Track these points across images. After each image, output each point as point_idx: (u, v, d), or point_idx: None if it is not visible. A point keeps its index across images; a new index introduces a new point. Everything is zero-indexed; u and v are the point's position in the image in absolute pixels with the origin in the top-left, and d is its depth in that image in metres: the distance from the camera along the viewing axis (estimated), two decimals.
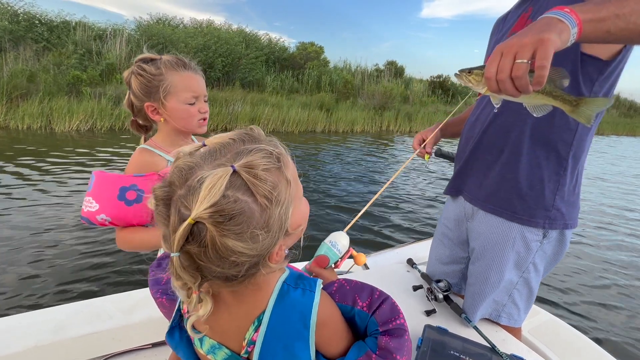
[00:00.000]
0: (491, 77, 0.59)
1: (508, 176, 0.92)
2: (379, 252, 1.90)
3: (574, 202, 0.92)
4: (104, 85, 8.95)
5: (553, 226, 0.90)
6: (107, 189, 0.85)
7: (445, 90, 18.91)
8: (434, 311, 1.09)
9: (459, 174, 1.08)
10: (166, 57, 0.92)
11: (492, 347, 0.91)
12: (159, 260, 0.62)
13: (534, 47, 0.54)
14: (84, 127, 7.31)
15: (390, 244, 3.29)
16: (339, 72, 16.10)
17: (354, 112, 11.79)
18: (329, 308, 0.49)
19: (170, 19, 14.71)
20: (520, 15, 0.90)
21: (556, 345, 1.31)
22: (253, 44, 14.76)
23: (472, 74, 0.71)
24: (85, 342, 0.99)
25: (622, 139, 18.25)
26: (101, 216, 0.85)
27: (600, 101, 0.67)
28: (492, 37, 1.06)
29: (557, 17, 0.57)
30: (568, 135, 0.85)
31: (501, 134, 0.93)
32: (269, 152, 0.41)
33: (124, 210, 0.85)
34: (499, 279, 0.96)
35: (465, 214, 1.08)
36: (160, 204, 0.40)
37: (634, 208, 5.50)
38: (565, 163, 0.87)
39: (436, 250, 1.24)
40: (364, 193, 4.88)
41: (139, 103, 0.93)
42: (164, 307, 0.60)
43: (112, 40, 11.58)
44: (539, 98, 0.68)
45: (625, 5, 0.58)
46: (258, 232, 0.39)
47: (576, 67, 0.78)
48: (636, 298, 2.79)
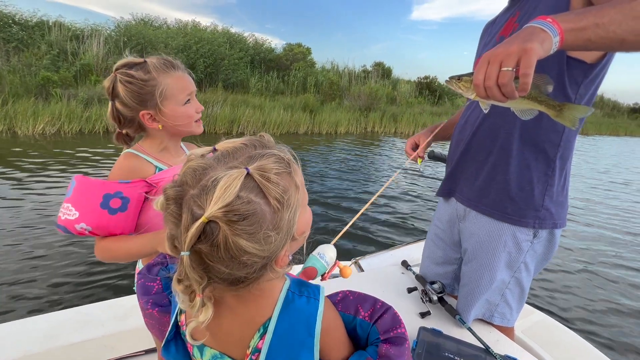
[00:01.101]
0: (479, 84, 0.62)
1: (498, 177, 0.94)
2: (374, 254, 1.89)
3: (563, 202, 0.94)
4: (77, 87, 8.62)
5: (543, 226, 0.92)
6: (89, 196, 0.79)
7: (432, 92, 18.98)
8: (428, 313, 1.09)
9: (451, 176, 1.09)
10: (152, 59, 0.85)
11: (486, 349, 0.92)
12: (149, 267, 0.61)
13: (518, 55, 0.57)
14: (50, 130, 7.01)
15: (384, 245, 3.24)
16: (325, 73, 15.98)
17: (338, 114, 11.65)
18: (332, 315, 0.50)
19: (153, 20, 14.42)
20: (508, 19, 0.92)
21: (549, 345, 1.32)
22: (237, 44, 14.54)
23: (462, 80, 0.74)
24: (76, 350, 0.96)
25: (605, 139, 18.54)
26: (81, 225, 0.78)
27: (582, 108, 0.71)
28: (482, 40, 1.08)
29: (540, 27, 0.59)
30: (555, 136, 0.87)
31: (490, 136, 0.94)
32: (280, 157, 0.43)
33: (107, 219, 0.79)
34: (491, 279, 0.98)
35: (457, 215, 1.09)
36: (172, 203, 0.39)
37: (602, 202, 5.59)
38: (553, 164, 0.89)
39: (429, 251, 1.25)
40: (349, 198, 4.71)
41: (130, 113, 0.85)
42: (152, 318, 0.57)
43: (89, 40, 11.24)
44: (525, 103, 0.71)
45: (604, 15, 0.59)
46: (269, 234, 0.39)
47: (562, 70, 0.80)
48: (627, 296, 2.80)
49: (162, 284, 0.58)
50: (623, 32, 0.59)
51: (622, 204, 5.61)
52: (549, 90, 0.69)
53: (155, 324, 0.58)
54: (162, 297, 0.57)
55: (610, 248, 3.77)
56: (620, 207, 5.38)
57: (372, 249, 3.00)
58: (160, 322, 0.56)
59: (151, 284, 0.58)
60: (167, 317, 0.56)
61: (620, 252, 3.67)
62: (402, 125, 12.86)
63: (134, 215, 0.83)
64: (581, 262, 3.36)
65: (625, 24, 0.59)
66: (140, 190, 0.82)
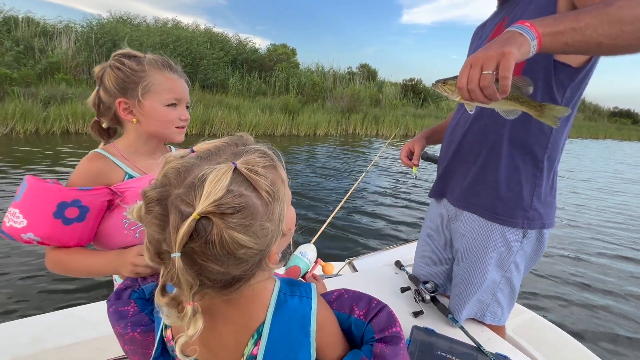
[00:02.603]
0: (462, 87, 0.65)
1: (488, 178, 0.96)
2: (367, 255, 1.89)
3: (551, 202, 0.95)
4: (39, 85, 8.19)
5: (532, 226, 0.93)
6: (40, 203, 0.70)
7: (417, 94, 18.99)
8: (421, 312, 1.10)
9: (442, 177, 1.11)
10: (151, 56, 0.82)
11: (477, 347, 0.94)
12: (118, 293, 0.57)
13: (497, 59, 0.60)
14: (2, 130, 6.59)
15: (377, 246, 3.24)
16: (308, 75, 15.77)
17: (319, 115, 11.44)
18: (325, 312, 0.49)
19: (132, 18, 13.96)
20: (497, 23, 0.94)
21: (539, 343, 1.35)
22: (217, 44, 14.21)
23: (447, 84, 0.76)
24: (67, 352, 0.94)
25: (586, 142, 18.84)
26: (28, 235, 0.70)
27: (561, 108, 0.74)
28: (472, 44, 1.10)
29: (519, 31, 0.62)
30: (543, 138, 0.89)
31: (480, 138, 0.96)
32: (264, 151, 0.43)
33: (60, 229, 0.71)
34: (483, 279, 0.99)
35: (449, 216, 1.11)
36: (155, 205, 0.37)
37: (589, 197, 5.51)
38: (542, 165, 0.91)
39: (421, 252, 1.27)
40: (322, 199, 4.52)
41: (109, 99, 0.80)
42: (134, 343, 0.53)
43: (59, 37, 10.77)
44: (508, 104, 0.74)
45: (581, 19, 0.62)
46: (263, 226, 0.39)
47: (549, 74, 0.83)
48: (615, 294, 2.84)
49: (137, 305, 0.55)
50: (599, 36, 0.61)
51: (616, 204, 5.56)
52: (530, 91, 0.72)
53: (137, 348, 0.54)
54: (141, 317, 0.54)
55: (597, 244, 3.80)
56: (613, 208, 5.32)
57: (365, 250, 2.97)
58: (143, 344, 0.53)
59: (125, 308, 0.54)
60: (151, 337, 0.53)
61: (608, 247, 3.70)
62: (383, 127, 12.73)
63: (92, 225, 0.75)
64: (569, 260, 3.39)
65: (601, 28, 0.61)
66: (102, 199, 0.74)
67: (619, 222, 4.84)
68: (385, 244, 3.33)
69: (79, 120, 7.18)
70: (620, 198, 6.35)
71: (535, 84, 0.77)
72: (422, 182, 6.04)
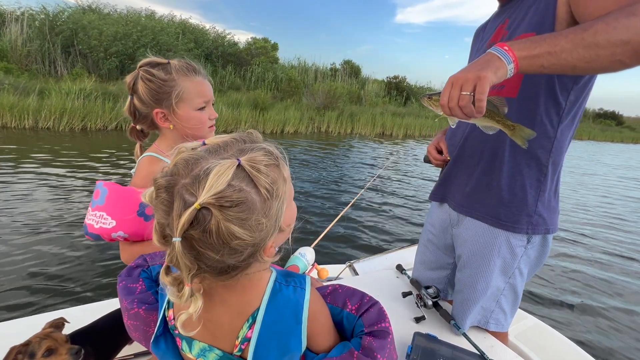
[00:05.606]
0: (444, 104, 0.70)
1: (491, 184, 0.95)
2: (368, 258, 1.88)
3: (555, 207, 0.94)
4: None
5: (536, 231, 0.92)
6: (125, 204, 0.80)
7: (400, 91, 18.62)
8: (423, 318, 1.09)
9: (444, 181, 1.11)
10: (175, 61, 0.88)
11: (481, 355, 0.94)
12: (129, 270, 0.62)
13: (474, 82, 0.65)
14: None
15: (379, 249, 3.11)
16: (286, 70, 15.22)
17: (290, 112, 10.92)
18: (318, 303, 0.52)
19: (101, 8, 13.17)
20: (498, 26, 0.95)
21: (541, 349, 1.35)
22: (190, 35, 13.56)
23: (432, 99, 0.79)
24: None
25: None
26: (118, 233, 0.81)
27: (529, 131, 0.78)
28: (474, 45, 1.11)
29: (497, 55, 0.66)
30: (547, 142, 0.88)
31: (481, 142, 0.96)
32: (269, 150, 0.45)
33: (143, 226, 0.82)
34: (487, 285, 0.98)
35: (450, 221, 1.10)
36: (163, 191, 0.40)
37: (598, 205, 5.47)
38: (546, 169, 0.90)
39: (422, 256, 1.27)
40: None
41: (145, 109, 0.88)
42: (137, 319, 0.58)
43: (11, 24, 10.04)
44: (485, 121, 0.79)
45: (556, 44, 0.65)
46: (259, 221, 0.40)
47: (553, 77, 0.83)
48: (618, 300, 2.76)
49: (145, 284, 0.60)
50: (573, 59, 0.64)
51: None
52: (505, 111, 0.77)
53: (139, 325, 0.58)
54: (147, 295, 0.59)
55: (602, 247, 3.71)
56: None
57: (366, 253, 2.88)
58: (146, 321, 0.57)
59: (134, 285, 0.59)
60: (154, 316, 0.57)
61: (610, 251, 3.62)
62: (359, 125, 12.27)
63: None
64: (570, 264, 3.30)
65: (575, 52, 0.64)
66: None
67: (621, 224, 4.73)
68: (387, 246, 3.24)
69: (7, 112, 6.51)
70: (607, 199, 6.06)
71: (538, 88, 0.83)
72: (424, 183, 5.92)
